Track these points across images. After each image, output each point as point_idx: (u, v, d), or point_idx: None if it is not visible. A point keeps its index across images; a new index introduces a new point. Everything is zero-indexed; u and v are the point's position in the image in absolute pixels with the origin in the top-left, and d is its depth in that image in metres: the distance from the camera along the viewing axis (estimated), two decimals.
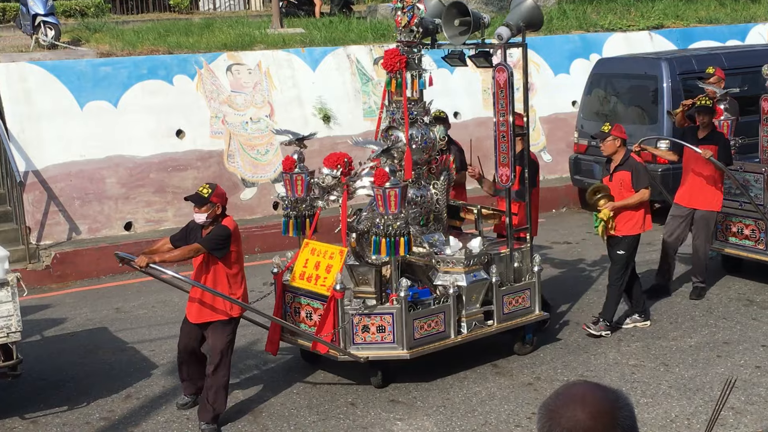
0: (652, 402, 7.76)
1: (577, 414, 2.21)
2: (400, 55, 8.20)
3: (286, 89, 14.71)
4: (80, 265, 12.39)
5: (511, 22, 8.37)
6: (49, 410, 8.05)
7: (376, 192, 7.66)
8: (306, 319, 8.13)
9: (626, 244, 9.22)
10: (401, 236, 7.63)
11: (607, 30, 17.71)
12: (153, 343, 9.58)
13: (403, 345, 7.85)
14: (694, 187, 10.00)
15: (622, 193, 9.13)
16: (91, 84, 13.57)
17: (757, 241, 10.21)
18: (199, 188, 7.42)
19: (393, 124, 8.42)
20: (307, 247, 8.24)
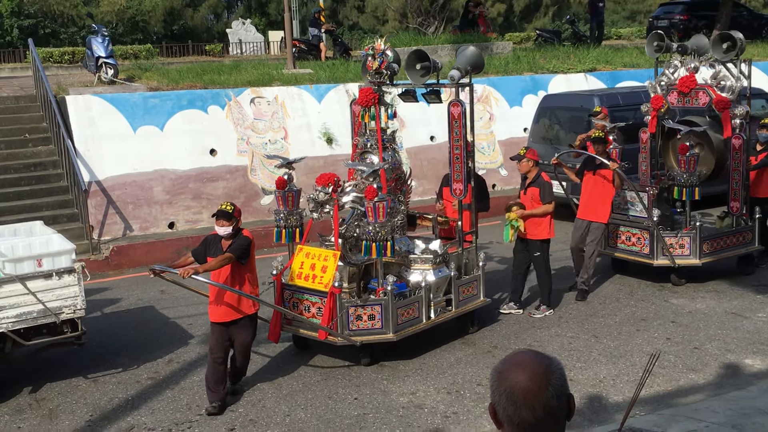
0: (585, 366, 7.77)
1: (518, 376, 2.25)
2: (373, 93, 8.16)
3: (297, 117, 14.70)
4: (133, 256, 12.34)
5: (460, 66, 8.30)
6: (106, 371, 8.03)
7: (366, 205, 7.57)
8: (304, 311, 7.93)
9: (539, 247, 9.17)
10: (388, 240, 7.60)
11: (551, 72, 17.74)
12: (191, 318, 9.55)
13: (389, 329, 7.77)
14: (589, 204, 9.80)
15: (533, 205, 9.08)
16: (142, 112, 13.54)
17: (642, 247, 10.11)
18: (222, 205, 7.07)
19: (368, 149, 8.33)
20: (301, 252, 8.07)
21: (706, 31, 24.86)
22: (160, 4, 39.83)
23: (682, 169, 9.81)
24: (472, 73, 8.47)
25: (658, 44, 10.46)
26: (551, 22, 48.45)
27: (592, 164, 9.80)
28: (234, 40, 33.79)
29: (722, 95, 9.84)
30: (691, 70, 10.14)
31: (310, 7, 41.23)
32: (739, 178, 10.23)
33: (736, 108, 9.92)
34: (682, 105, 10.34)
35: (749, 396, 6.70)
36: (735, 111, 9.91)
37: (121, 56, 24.44)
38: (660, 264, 10.00)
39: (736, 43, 9.96)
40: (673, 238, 9.94)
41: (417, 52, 8.35)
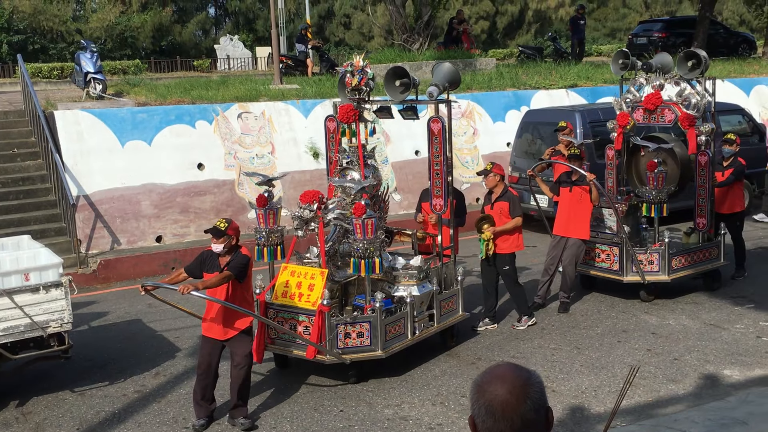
0: (567, 377, 7.77)
1: (497, 389, 2.26)
2: (354, 110, 8.06)
3: (284, 132, 14.69)
4: (120, 269, 12.27)
5: (437, 82, 8.22)
6: (93, 385, 7.96)
7: (355, 222, 7.39)
8: (290, 330, 7.71)
9: (508, 260, 9.11)
10: (377, 257, 7.48)
11: (533, 88, 17.82)
12: (177, 331, 9.49)
13: (378, 346, 7.63)
14: (569, 221, 9.63)
15: (502, 219, 9.00)
16: (130, 127, 13.49)
17: (611, 263, 10.04)
18: (217, 222, 6.88)
19: (348, 165, 8.20)
20: (285, 270, 7.89)
21: (684, 48, 25.10)
22: (148, 20, 39.79)
23: (650, 185, 9.73)
24: (450, 89, 8.40)
25: (623, 62, 10.39)
26: (533, 39, 48.79)
27: (568, 180, 9.70)
28: (222, 56, 33.78)
29: (688, 112, 9.80)
30: (657, 87, 10.07)
31: (297, 23, 41.29)
32: (705, 194, 10.17)
33: (702, 125, 9.90)
34: (648, 122, 10.25)
35: (728, 406, 6.72)
36: (701, 128, 9.88)
37: (109, 72, 24.39)
38: (630, 280, 9.91)
39: (701, 60, 9.93)
40: (642, 255, 9.87)
41: (396, 68, 8.26)
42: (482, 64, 20.88)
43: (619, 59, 10.48)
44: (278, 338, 7.80)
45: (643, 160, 10.59)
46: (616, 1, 56.61)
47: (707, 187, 10.15)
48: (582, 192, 9.55)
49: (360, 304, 8.05)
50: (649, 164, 9.75)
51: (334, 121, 8.43)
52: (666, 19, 33.23)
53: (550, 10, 53.41)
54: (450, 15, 29.57)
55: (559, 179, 9.92)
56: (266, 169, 14.15)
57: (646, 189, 9.80)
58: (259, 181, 8.16)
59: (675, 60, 10.34)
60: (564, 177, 9.82)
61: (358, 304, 8.10)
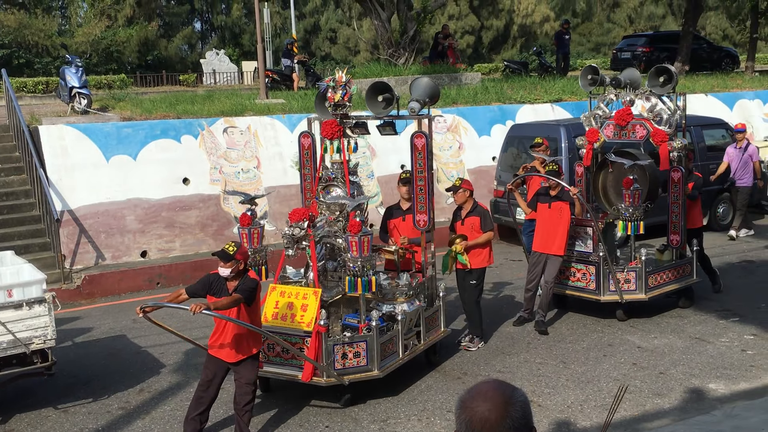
0: (553, 392, 7.77)
1: (478, 406, 2.28)
2: (338, 125, 7.90)
3: (270, 146, 14.68)
4: (105, 285, 12.19)
5: (418, 97, 8.13)
6: (77, 402, 7.89)
7: (351, 239, 7.24)
8: (282, 353, 7.52)
9: (477, 275, 9.01)
10: (373, 275, 7.37)
11: (519, 102, 17.89)
12: (162, 347, 9.43)
13: (375, 366, 7.50)
14: (548, 236, 9.48)
15: (474, 234, 8.92)
16: (115, 142, 13.45)
17: (588, 283, 9.84)
18: (225, 246, 6.64)
19: (332, 182, 8.07)
20: (274, 291, 7.67)
21: (668, 62, 25.32)
22: (134, 34, 39.77)
23: (626, 203, 9.56)
24: (430, 104, 8.32)
25: (592, 77, 10.24)
26: (519, 53, 49.10)
27: (547, 196, 9.57)
28: (208, 71, 33.80)
29: (660, 128, 9.69)
30: (627, 103, 9.95)
31: (283, 38, 41.41)
32: (678, 210, 10.07)
33: (674, 141, 9.81)
34: (618, 138, 10.09)
35: (713, 420, 6.74)
36: (673, 144, 9.79)
37: (95, 86, 24.34)
38: (607, 300, 9.72)
39: (672, 76, 9.87)
40: (620, 273, 9.71)
41: (377, 83, 8.16)
42: (468, 79, 20.97)
43: (588, 75, 10.32)
44: (268, 361, 7.57)
45: (611, 177, 10.48)
46: (600, 16, 57.13)
47: (681, 203, 10.05)
48: (562, 207, 9.44)
49: (351, 324, 7.84)
50: (625, 181, 9.61)
51: (309, 137, 8.30)
52: (650, 34, 33.55)
53: (535, 24, 53.79)
54: (435, 30, 29.72)
55: (538, 194, 9.80)
56: (252, 183, 14.13)
57: (622, 206, 9.63)
58: (243, 200, 8.05)
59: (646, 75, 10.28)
60: (543, 192, 9.69)
61: (349, 323, 7.87)
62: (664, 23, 54.63)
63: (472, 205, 9.03)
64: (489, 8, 54.60)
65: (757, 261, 12.40)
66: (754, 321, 9.59)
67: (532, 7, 53.40)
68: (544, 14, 53.50)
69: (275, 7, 49.15)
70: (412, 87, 8.42)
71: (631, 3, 56.92)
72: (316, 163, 8.33)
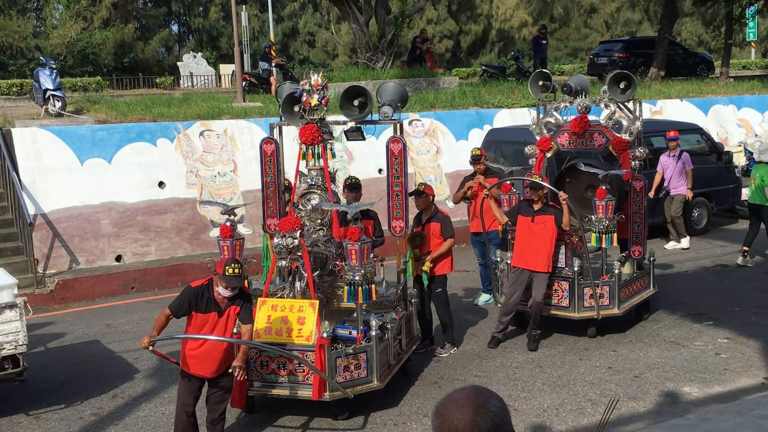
0: (529, 396, 7.78)
1: (449, 413, 2.27)
2: (318, 131, 7.68)
3: (246, 150, 14.62)
4: (78, 289, 12.08)
5: (389, 102, 7.97)
6: (49, 408, 7.80)
7: (350, 248, 7.03)
8: (278, 369, 7.15)
9: (441, 282, 8.96)
10: (372, 283, 7.18)
11: (496, 107, 17.96)
12: (136, 352, 9.33)
13: (375, 377, 7.31)
14: (530, 252, 8.96)
15: (434, 239, 8.84)
16: (89, 145, 13.33)
17: (560, 299, 9.33)
18: (230, 269, 6.18)
19: (312, 189, 7.86)
20: (265, 305, 7.27)
21: (644, 68, 25.58)
22: (110, 37, 39.51)
23: (600, 215, 9.07)
24: (400, 108, 8.16)
25: (543, 84, 9.69)
26: (497, 58, 49.35)
27: (529, 209, 9.07)
28: (185, 73, 33.62)
29: (620, 136, 9.32)
30: (583, 110, 9.42)
31: (261, 41, 41.29)
32: (641, 221, 9.70)
33: (636, 149, 9.44)
34: (575, 147, 9.62)
35: (687, 424, 6.78)
36: (635, 152, 9.41)
37: (70, 88, 24.11)
38: (582, 317, 9.24)
39: (633, 82, 9.46)
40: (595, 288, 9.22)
41: (352, 88, 7.94)
42: (445, 83, 21.02)
43: (539, 81, 9.78)
44: (261, 379, 7.21)
45: (568, 188, 9.94)
46: (577, 21, 57.59)
47: (642, 214, 9.70)
48: (546, 221, 8.94)
49: (343, 335, 7.54)
50: (599, 192, 9.12)
51: (272, 143, 7.96)
52: (626, 39, 33.81)
53: (513, 29, 54.13)
54: (414, 34, 29.78)
55: (519, 207, 9.32)
56: (228, 187, 14.07)
57: (595, 218, 9.16)
58: (224, 210, 7.82)
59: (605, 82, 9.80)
60: (524, 205, 9.24)
61: (340, 335, 7.55)
62: (640, 29, 55.14)
63: (434, 210, 8.95)
64: (467, 13, 54.88)
65: (731, 265, 12.51)
66: (727, 325, 9.67)
67: (510, 12, 53.75)
68: (522, 19, 53.85)
69: (253, 10, 49.08)
70: (379, 92, 8.18)
71: (608, 9, 57.43)
72: (279, 171, 8.02)
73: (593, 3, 57.69)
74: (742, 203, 15.84)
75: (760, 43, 44.44)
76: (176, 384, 8.20)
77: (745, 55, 46.48)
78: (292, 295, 7.52)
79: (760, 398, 7.34)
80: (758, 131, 20.27)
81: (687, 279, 11.85)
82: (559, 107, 9.71)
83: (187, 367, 6.47)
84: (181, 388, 6.60)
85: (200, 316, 6.35)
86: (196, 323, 6.39)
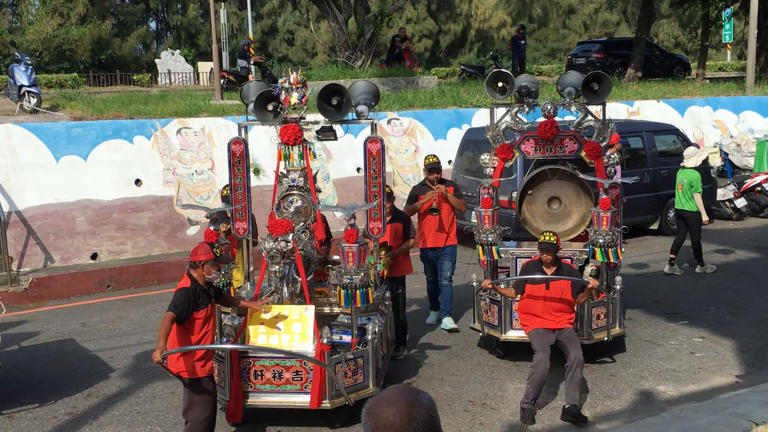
0: (506, 395, 7.79)
1: (383, 411, 2.30)
2: (300, 130, 7.46)
3: (224, 148, 14.48)
4: (53, 287, 11.95)
5: (363, 101, 7.80)
6: (23, 407, 7.71)
7: (347, 250, 6.82)
8: (273, 379, 6.91)
9: (401, 283, 8.96)
10: (368, 286, 7.01)
11: (475, 106, 18.01)
12: (112, 351, 9.27)
13: (371, 382, 7.16)
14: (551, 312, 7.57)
15: (397, 241, 8.79)
16: (65, 142, 13.21)
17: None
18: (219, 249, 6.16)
19: (293, 191, 7.60)
20: (256, 312, 7.04)
21: (622, 69, 25.77)
22: (87, 33, 39.17)
23: (603, 227, 8.26)
24: (374, 105, 8.00)
25: (502, 85, 8.81)
26: (476, 57, 49.48)
27: (539, 271, 7.67)
28: (163, 71, 33.41)
29: (594, 141, 8.62)
30: (550, 114, 8.64)
31: (240, 39, 41.12)
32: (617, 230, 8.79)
33: (611, 155, 8.73)
34: (542, 153, 8.77)
35: (662, 422, 6.83)
36: (611, 158, 8.64)
37: (46, 85, 23.89)
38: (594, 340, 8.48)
39: (608, 84, 8.69)
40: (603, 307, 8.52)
41: (330, 86, 7.71)
42: (424, 82, 21.05)
43: (498, 81, 8.82)
44: (255, 390, 6.97)
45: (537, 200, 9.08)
46: (556, 22, 57.90)
47: (619, 222, 8.96)
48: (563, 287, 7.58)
49: (335, 341, 7.24)
50: (603, 202, 8.24)
51: (241, 144, 7.65)
52: (604, 40, 34.04)
53: (492, 29, 54.31)
54: (393, 33, 29.78)
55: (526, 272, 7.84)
56: (206, 185, 14.00)
57: (600, 231, 8.29)
58: (208, 214, 7.40)
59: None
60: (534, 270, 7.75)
61: (335, 341, 7.26)
62: (618, 30, 55.54)
63: (394, 212, 8.91)
64: (447, 12, 54.99)
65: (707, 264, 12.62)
66: (702, 324, 9.76)
67: (490, 12, 53.92)
68: (501, 19, 54.05)
69: (232, 7, 48.85)
70: (351, 92, 7.89)
71: (586, 10, 57.80)
72: (248, 172, 7.79)
73: (572, 4, 58.04)
74: (718, 204, 16.02)
75: (736, 45, 44.85)
76: (152, 383, 8.22)
77: (721, 57, 46.94)
78: (281, 301, 7.33)
79: (734, 396, 7.42)
80: (733, 132, 20.49)
81: (662, 278, 11.94)
82: (522, 110, 8.81)
83: (195, 373, 6.26)
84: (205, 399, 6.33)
85: (201, 313, 6.23)
86: (199, 324, 6.24)
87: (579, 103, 8.75)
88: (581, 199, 8.82)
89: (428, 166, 9.53)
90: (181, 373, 6.22)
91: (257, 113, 7.52)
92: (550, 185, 8.93)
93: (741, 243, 14.02)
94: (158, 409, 7.62)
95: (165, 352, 5.89)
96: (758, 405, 6.98)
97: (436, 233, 9.59)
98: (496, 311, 8.72)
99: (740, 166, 18.99)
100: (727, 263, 12.67)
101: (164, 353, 5.88)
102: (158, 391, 8.05)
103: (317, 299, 7.78)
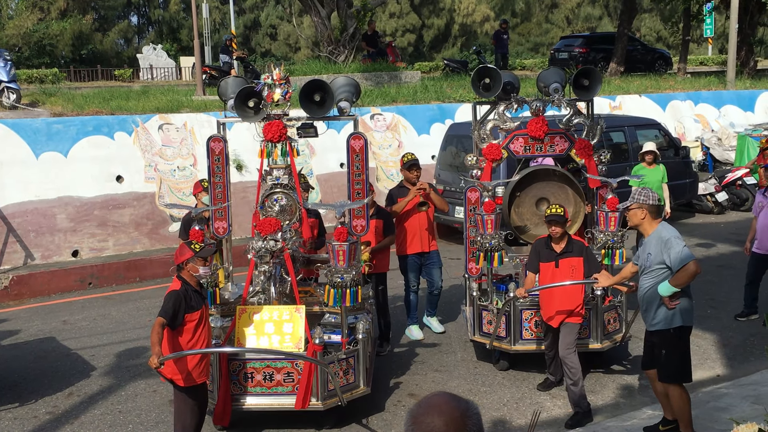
0: (489, 390, 7.81)
1: (434, 420, 2.19)
2: (284, 127, 7.23)
3: None
4: (34, 285, 11.85)
5: (345, 97, 7.62)
6: (3, 407, 7.63)
7: (338, 248, 6.70)
8: (264, 381, 6.80)
9: (384, 279, 8.94)
10: (358, 285, 6.90)
11: (458, 101, 18.00)
12: (93, 349, 9.20)
13: (362, 382, 7.07)
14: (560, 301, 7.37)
15: (377, 237, 8.76)
16: (45, 138, 13.09)
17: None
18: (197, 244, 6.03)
19: (277, 189, 7.33)
20: (245, 314, 6.93)
21: (604, 63, 25.84)
22: (68, 27, 38.85)
23: (611, 228, 7.99)
24: (355, 101, 7.83)
25: (489, 82, 8.29)
26: (459, 52, 49.47)
27: (550, 251, 7.47)
28: (145, 66, 33.21)
29: (585, 139, 8.33)
30: (540, 112, 8.33)
31: (222, 33, 40.94)
32: None
33: (601, 153, 8.42)
34: (531, 153, 8.42)
35: (644, 416, 6.86)
36: (602, 156, 8.38)
37: (26, 80, 23.65)
38: (604, 347, 8.15)
39: (598, 79, 8.48)
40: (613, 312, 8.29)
41: (313, 82, 7.45)
42: (407, 77, 21.02)
43: (484, 78, 8.33)
44: (245, 392, 6.83)
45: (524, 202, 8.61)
46: (539, 16, 58.01)
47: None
48: (574, 264, 7.38)
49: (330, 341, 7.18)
50: (610, 201, 8.01)
51: (221, 141, 7.40)
52: (587, 35, 34.16)
53: (475, 24, 54.35)
54: (378, 28, 29.73)
55: (537, 252, 7.62)
56: (188, 181, 13.90)
57: (605, 232, 8.04)
58: (194, 213, 7.31)
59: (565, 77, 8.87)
60: (542, 247, 7.57)
61: (328, 341, 7.19)
62: (600, 24, 55.76)
63: (376, 207, 8.87)
64: (430, 7, 54.96)
65: None
66: None
67: (473, 7, 53.96)
68: (485, 14, 54.11)
69: (214, 2, 48.61)
70: (333, 87, 7.61)
71: (569, 4, 57.94)
72: (228, 171, 7.57)
73: None
74: (699, 198, 16.11)
75: (717, 39, 45.13)
76: (134, 381, 8.16)
77: (703, 51, 47.21)
78: (269, 301, 7.20)
79: (715, 390, 7.46)
80: (714, 126, 20.60)
81: None
82: (510, 107, 8.47)
83: (192, 381, 6.12)
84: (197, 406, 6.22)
85: (195, 315, 6.06)
86: (191, 327, 6.06)
87: (568, 99, 8.42)
88: (570, 198, 8.49)
89: (408, 164, 9.27)
90: (176, 380, 6.06)
91: (238, 110, 7.29)
92: (537, 186, 8.57)
93: (722, 237, 14.10)
94: (140, 408, 7.56)
95: (162, 358, 5.66)
96: (739, 399, 7.03)
97: (423, 233, 9.22)
98: (504, 322, 8.17)
99: (721, 160, 19.12)
100: (708, 257, 12.73)
101: (161, 358, 5.65)
102: (140, 390, 8.00)
103: (304, 298, 7.72)
